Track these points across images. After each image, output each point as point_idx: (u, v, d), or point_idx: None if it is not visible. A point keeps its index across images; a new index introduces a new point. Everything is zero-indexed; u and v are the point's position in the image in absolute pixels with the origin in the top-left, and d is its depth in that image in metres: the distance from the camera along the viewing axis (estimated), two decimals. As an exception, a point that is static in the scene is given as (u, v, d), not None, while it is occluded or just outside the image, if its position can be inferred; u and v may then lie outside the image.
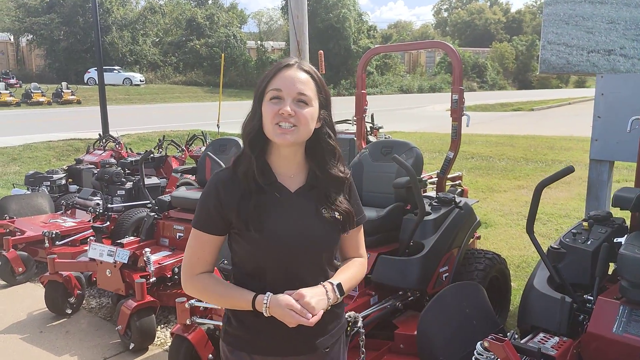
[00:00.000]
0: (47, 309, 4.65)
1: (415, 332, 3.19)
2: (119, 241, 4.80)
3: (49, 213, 6.40)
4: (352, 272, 1.75)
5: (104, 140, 8.31)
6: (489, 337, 2.27)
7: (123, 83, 34.00)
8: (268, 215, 1.62)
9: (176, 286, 4.38)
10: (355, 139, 6.43)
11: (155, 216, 4.97)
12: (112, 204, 6.14)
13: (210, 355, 3.41)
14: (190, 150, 7.47)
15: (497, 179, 9.27)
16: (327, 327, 1.70)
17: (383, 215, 3.58)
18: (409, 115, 22.17)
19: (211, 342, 3.43)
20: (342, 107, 8.42)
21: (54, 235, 5.39)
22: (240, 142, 5.65)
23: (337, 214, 1.68)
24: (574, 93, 39.12)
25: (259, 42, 42.66)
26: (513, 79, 57.00)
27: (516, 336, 2.53)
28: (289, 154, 1.66)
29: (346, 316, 1.84)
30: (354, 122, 6.92)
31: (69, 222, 5.83)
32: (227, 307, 1.69)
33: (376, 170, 4.02)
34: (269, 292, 1.58)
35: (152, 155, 6.66)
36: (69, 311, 4.52)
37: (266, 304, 1.55)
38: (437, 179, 4.42)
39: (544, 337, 2.65)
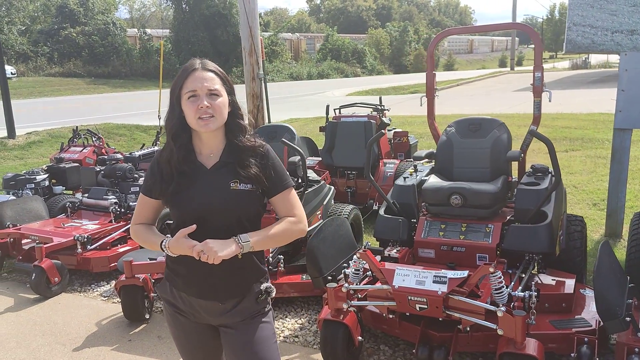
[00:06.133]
0: (112, 316, 4.31)
1: (559, 292, 3.52)
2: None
3: (46, 217, 5.79)
4: (274, 229, 2.02)
5: (79, 136, 7.58)
6: None
7: (-9, 76, 30.46)
8: (184, 191, 1.98)
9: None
10: (369, 121, 6.58)
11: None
12: (126, 201, 5.73)
13: (360, 337, 3.43)
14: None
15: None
16: (232, 281, 2.02)
17: (500, 187, 3.80)
18: (316, 102, 22.39)
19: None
20: (241, 96, 8.40)
21: (85, 239, 4.94)
22: (292, 128, 5.57)
23: (249, 185, 1.99)
24: (446, 76, 41.09)
25: (141, 30, 40.42)
26: (389, 64, 59.70)
27: None
28: (209, 137, 2.01)
29: (262, 287, 2.08)
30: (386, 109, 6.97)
31: (89, 225, 5.34)
32: (151, 249, 2.10)
33: (466, 146, 4.21)
34: (168, 236, 1.99)
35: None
36: (147, 316, 4.21)
37: (166, 245, 1.95)
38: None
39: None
